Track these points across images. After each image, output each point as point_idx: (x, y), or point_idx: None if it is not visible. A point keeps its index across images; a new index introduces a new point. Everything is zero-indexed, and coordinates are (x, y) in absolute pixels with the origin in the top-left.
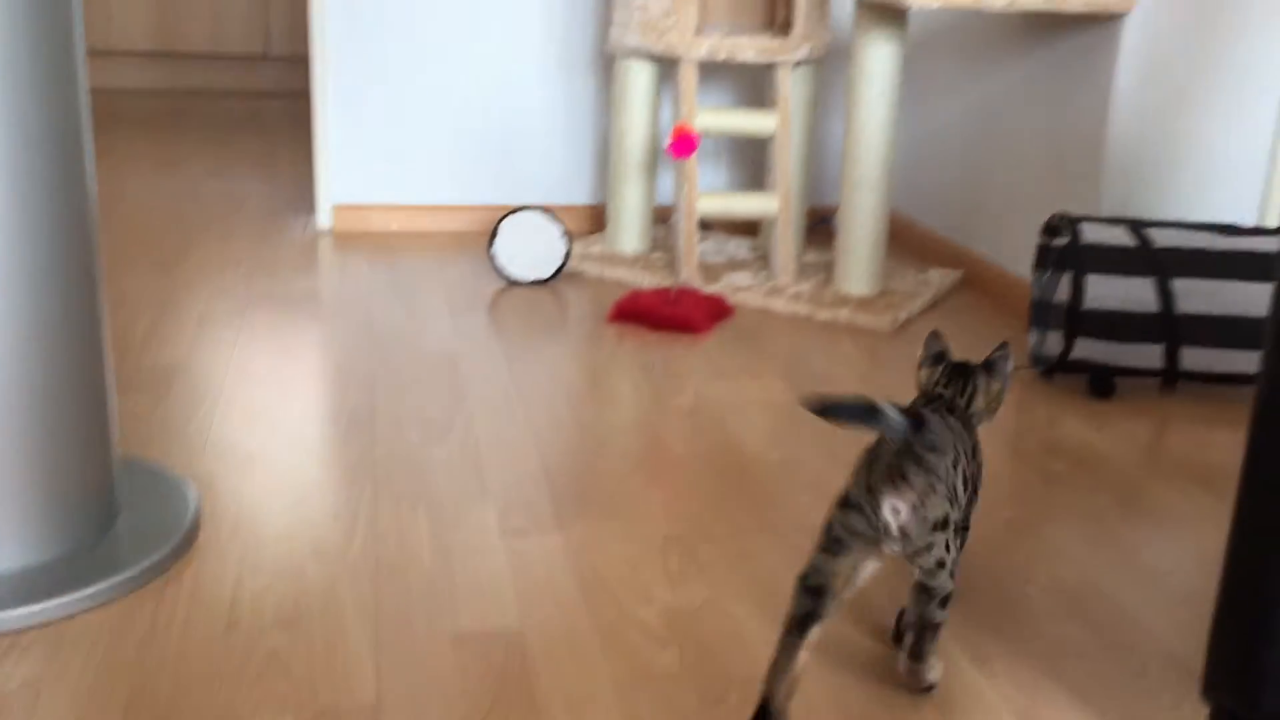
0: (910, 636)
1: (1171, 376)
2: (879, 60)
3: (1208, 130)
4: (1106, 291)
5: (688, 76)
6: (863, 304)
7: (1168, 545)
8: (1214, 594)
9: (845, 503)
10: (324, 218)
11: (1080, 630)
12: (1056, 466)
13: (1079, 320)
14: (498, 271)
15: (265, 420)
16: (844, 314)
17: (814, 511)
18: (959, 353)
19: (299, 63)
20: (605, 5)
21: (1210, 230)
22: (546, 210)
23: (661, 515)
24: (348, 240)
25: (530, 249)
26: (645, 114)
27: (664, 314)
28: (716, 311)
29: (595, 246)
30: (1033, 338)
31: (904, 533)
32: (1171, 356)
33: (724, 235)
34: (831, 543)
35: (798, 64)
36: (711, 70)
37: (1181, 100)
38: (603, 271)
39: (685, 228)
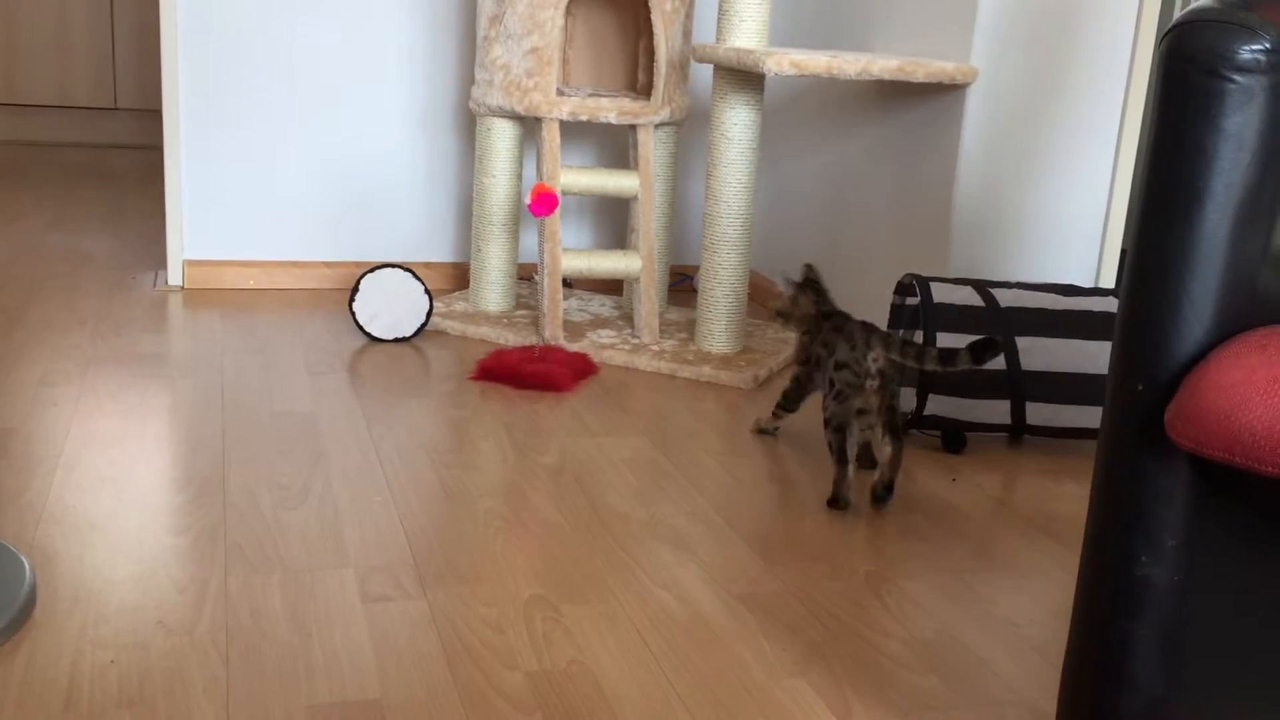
0: (890, 449)
1: (1018, 431)
2: (738, 123)
3: (1047, 194)
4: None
5: (550, 136)
6: (724, 361)
7: (1021, 595)
8: (1065, 641)
9: (838, 365)
10: (175, 274)
11: (939, 681)
12: (914, 520)
13: (931, 377)
14: (359, 329)
15: (109, 487)
16: (706, 371)
17: (679, 569)
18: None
19: (150, 115)
20: (468, 62)
21: (1052, 290)
22: (408, 267)
23: (526, 576)
24: (200, 297)
25: (392, 306)
26: (508, 172)
27: (528, 372)
28: (581, 369)
29: (458, 304)
30: None
31: (881, 373)
32: (1018, 412)
33: (587, 293)
34: (838, 395)
35: (659, 125)
36: (574, 130)
37: (1022, 165)
38: (466, 329)
39: (549, 286)
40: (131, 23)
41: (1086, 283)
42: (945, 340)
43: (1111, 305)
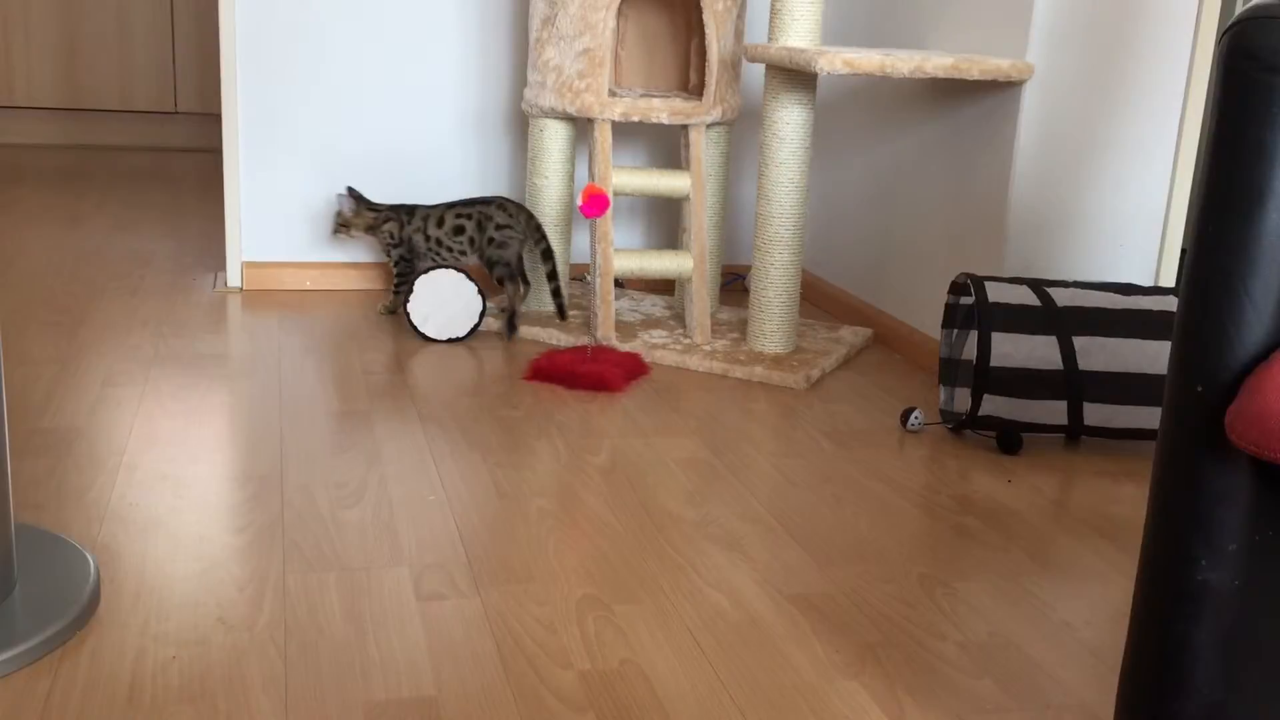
0: (523, 288)
1: (1075, 432)
2: (790, 123)
3: (1106, 192)
4: (1011, 349)
5: (602, 137)
6: (776, 362)
7: (1078, 599)
8: (1123, 645)
9: (499, 226)
10: (234, 275)
11: (994, 685)
12: (968, 522)
13: (986, 377)
14: (413, 330)
15: (170, 485)
16: (758, 371)
17: (731, 569)
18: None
19: (209, 119)
20: (520, 64)
21: (1109, 289)
22: (462, 269)
23: (578, 576)
24: (258, 298)
25: (446, 307)
26: (560, 173)
27: (580, 372)
28: (632, 370)
29: None
30: (942, 394)
31: (538, 229)
32: (1075, 412)
33: (639, 293)
34: (501, 245)
35: (710, 125)
36: (626, 130)
37: (1080, 163)
38: (519, 330)
39: (601, 286)
40: (191, 29)
41: (1146, 282)
42: (1002, 342)
43: (1171, 304)
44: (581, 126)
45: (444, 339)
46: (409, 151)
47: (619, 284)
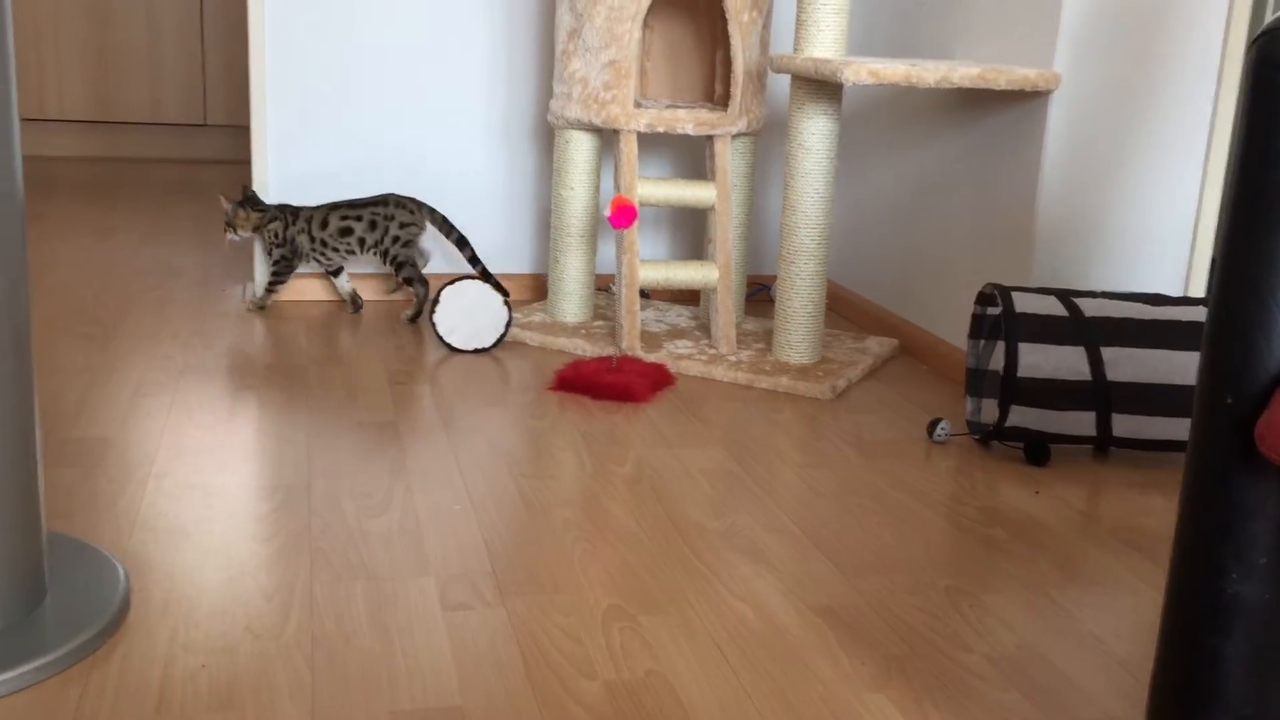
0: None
1: (1104, 443)
2: (815, 133)
3: (1134, 201)
4: (1039, 360)
5: (628, 148)
6: (802, 372)
7: (1107, 611)
8: (1152, 658)
9: (403, 224)
10: (261, 286)
11: (1021, 697)
12: (995, 533)
13: (1013, 388)
14: (439, 340)
15: (198, 494)
16: (783, 382)
17: (756, 580)
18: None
19: (238, 130)
20: (546, 76)
21: (1138, 300)
22: (490, 279)
23: (603, 586)
24: (286, 309)
25: (471, 318)
26: (586, 184)
27: (605, 383)
28: (658, 380)
29: (536, 315)
30: (969, 405)
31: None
32: (1103, 423)
33: (664, 304)
34: (405, 243)
35: (736, 136)
36: (651, 141)
37: (1108, 173)
38: (544, 340)
39: (626, 296)
40: (220, 42)
41: (1175, 292)
42: (1029, 352)
43: (1200, 315)
44: (607, 138)
45: (470, 349)
46: (436, 164)
47: (644, 294)
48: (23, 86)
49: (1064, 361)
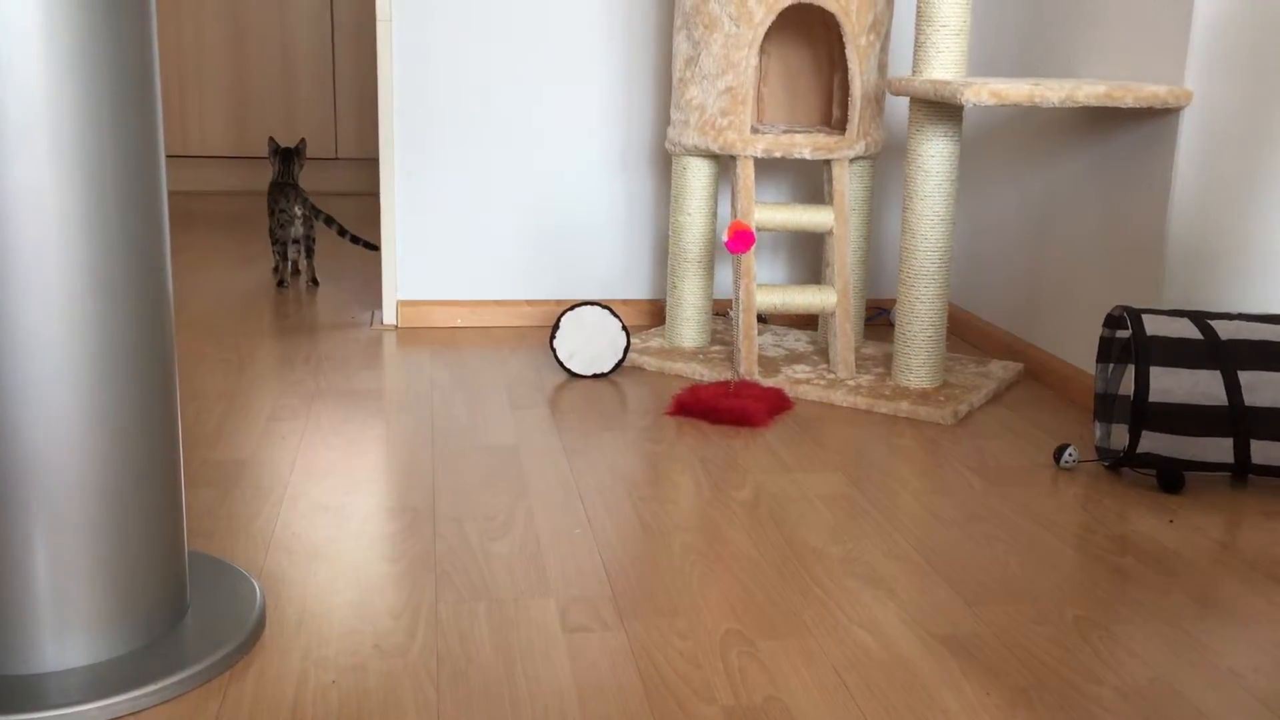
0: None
1: (1242, 470)
2: (935, 155)
3: (1270, 220)
4: (1172, 384)
5: (745, 174)
6: (923, 396)
7: (1245, 644)
8: None
9: (281, 210)
10: (389, 313)
11: None
12: (1126, 562)
13: (1145, 414)
14: (559, 365)
15: (330, 515)
16: (904, 407)
17: (877, 607)
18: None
19: (367, 164)
20: (663, 104)
21: (1277, 321)
22: (606, 305)
23: (722, 611)
24: (412, 335)
25: (591, 343)
26: (703, 209)
27: (723, 407)
28: (776, 404)
29: (654, 340)
30: (1097, 431)
31: (305, 216)
32: (1241, 450)
33: (782, 328)
34: (281, 225)
35: (854, 160)
36: (768, 166)
37: (1242, 191)
38: (662, 365)
39: (743, 321)
40: (351, 80)
41: None
42: (1161, 376)
43: None
44: (724, 163)
45: (589, 374)
46: (556, 191)
47: (762, 319)
48: (167, 125)
49: (1198, 386)
